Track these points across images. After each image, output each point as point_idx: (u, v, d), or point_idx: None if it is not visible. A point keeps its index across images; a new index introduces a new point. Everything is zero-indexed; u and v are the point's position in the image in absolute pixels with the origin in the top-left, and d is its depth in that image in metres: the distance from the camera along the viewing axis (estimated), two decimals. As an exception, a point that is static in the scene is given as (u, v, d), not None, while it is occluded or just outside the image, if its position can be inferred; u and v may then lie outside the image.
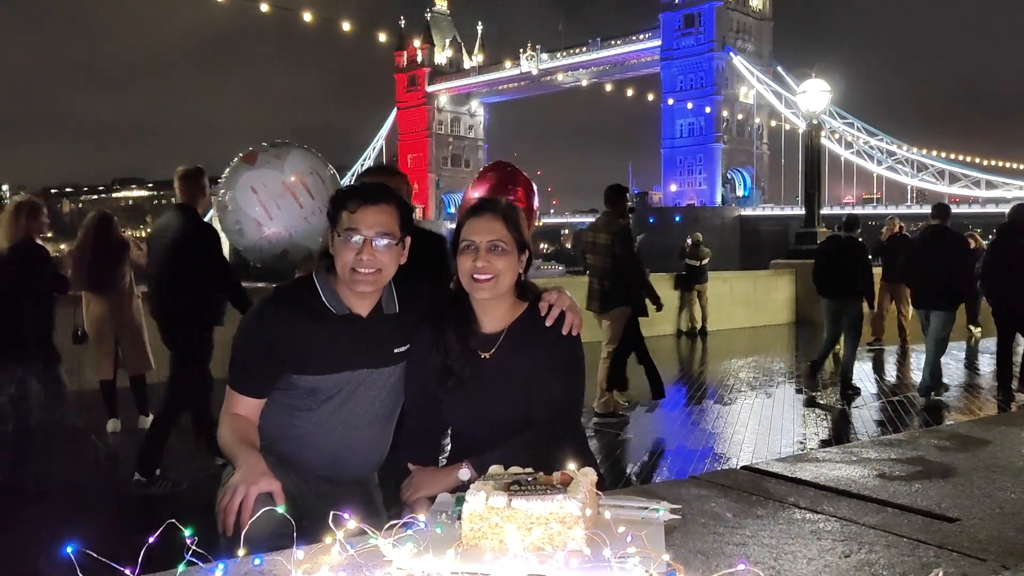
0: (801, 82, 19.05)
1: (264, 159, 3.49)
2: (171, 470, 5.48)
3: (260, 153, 3.56)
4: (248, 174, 3.45)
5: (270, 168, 3.43)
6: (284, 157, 3.46)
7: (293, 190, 3.36)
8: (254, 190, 3.40)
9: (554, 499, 1.53)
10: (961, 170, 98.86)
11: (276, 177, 3.40)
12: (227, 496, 1.85)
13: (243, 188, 3.42)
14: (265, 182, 3.39)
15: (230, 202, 3.50)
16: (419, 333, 2.26)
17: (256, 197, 3.39)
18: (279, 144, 3.64)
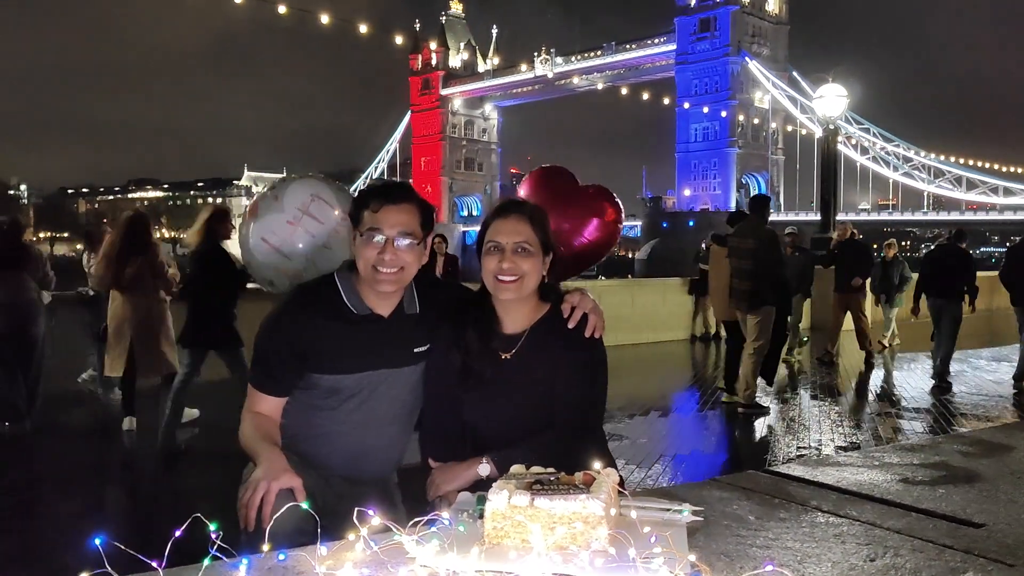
0: (817, 87, 18.97)
1: (264, 205, 3.52)
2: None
3: (259, 201, 3.61)
4: (255, 227, 3.50)
5: (272, 212, 3.47)
6: (281, 195, 3.49)
7: (299, 224, 3.38)
8: (264, 240, 3.43)
9: (577, 499, 1.52)
10: (979, 176, 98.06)
11: (280, 219, 3.43)
12: (248, 492, 1.86)
13: (256, 242, 3.47)
14: (272, 228, 3.43)
15: (251, 260, 3.55)
16: (440, 332, 2.26)
17: (269, 247, 3.42)
18: (276, 184, 3.67)
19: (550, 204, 4.13)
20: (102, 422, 7.86)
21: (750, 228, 8.16)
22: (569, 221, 4.27)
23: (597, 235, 4.34)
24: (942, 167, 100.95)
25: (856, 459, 2.40)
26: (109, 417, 7.96)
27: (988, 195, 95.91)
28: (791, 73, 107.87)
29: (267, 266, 3.45)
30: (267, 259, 3.45)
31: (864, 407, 8.27)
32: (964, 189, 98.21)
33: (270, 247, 3.45)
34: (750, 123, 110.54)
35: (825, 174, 17.83)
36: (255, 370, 2.22)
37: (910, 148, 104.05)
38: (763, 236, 8.03)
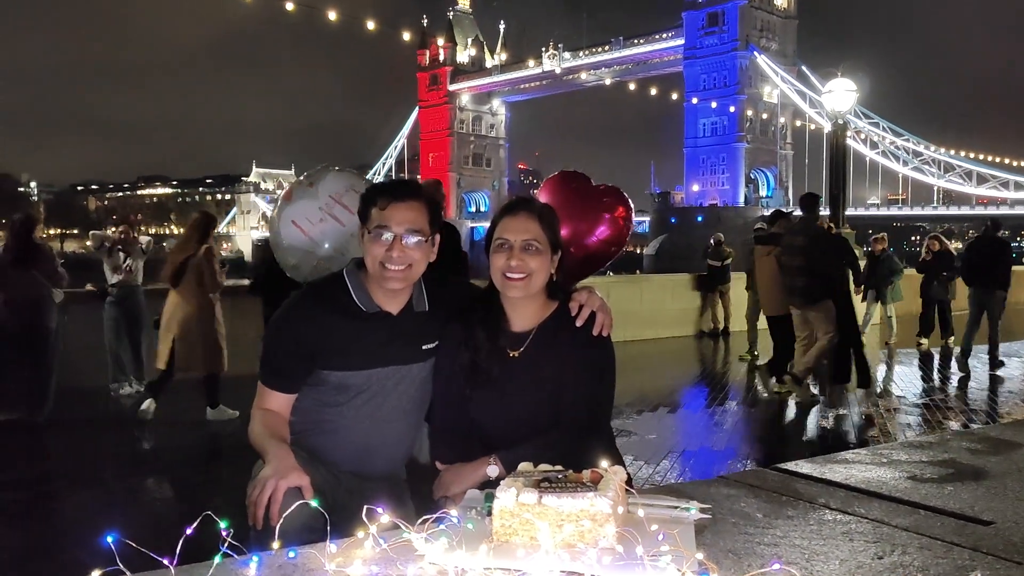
0: (826, 81, 18.87)
1: (299, 191, 3.60)
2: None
3: (295, 187, 3.68)
4: (288, 210, 3.56)
5: (306, 199, 3.53)
6: (317, 183, 3.56)
7: (331, 211, 3.43)
8: (295, 223, 3.49)
9: (585, 496, 1.53)
10: (989, 171, 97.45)
11: (313, 205, 3.48)
12: (257, 489, 1.87)
13: (286, 224, 3.52)
14: (305, 214, 3.48)
15: (278, 243, 3.60)
16: (448, 330, 2.27)
17: (298, 230, 3.47)
18: (312, 172, 3.74)
19: (565, 206, 4.17)
20: (116, 417, 7.91)
21: (802, 226, 8.50)
22: (582, 221, 4.33)
23: (607, 233, 4.39)
24: (952, 161, 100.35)
25: (864, 456, 2.40)
26: (123, 412, 8.01)
27: (999, 189, 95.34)
28: (800, 67, 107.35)
29: (293, 249, 3.49)
30: (294, 242, 3.49)
31: (873, 403, 8.25)
32: (974, 183, 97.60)
33: (299, 231, 3.49)
34: (759, 118, 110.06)
35: (834, 169, 17.70)
36: (264, 367, 2.23)
37: (920, 142, 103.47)
38: (815, 233, 8.37)
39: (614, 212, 4.47)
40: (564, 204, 4.19)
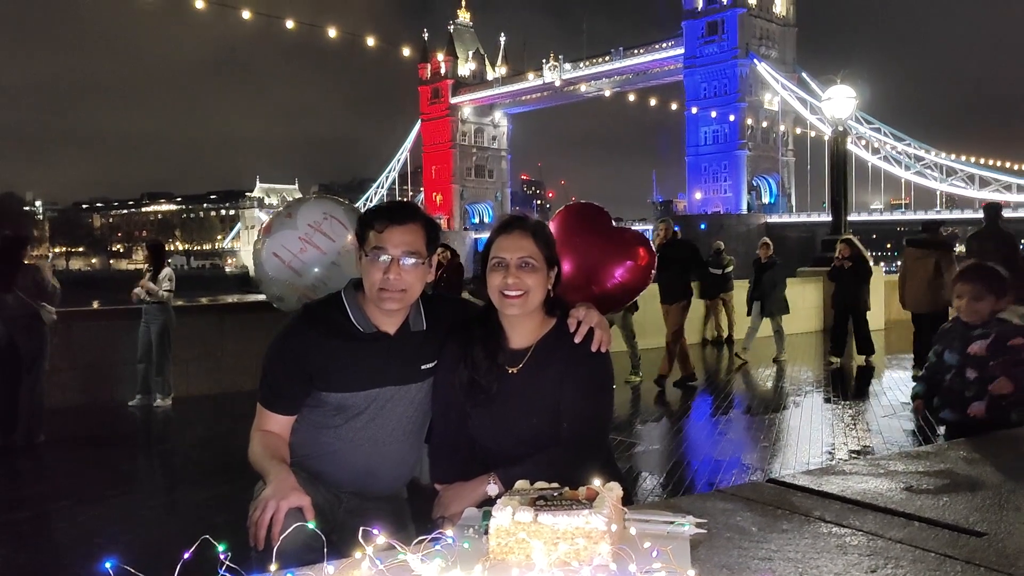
0: (826, 88, 18.93)
1: (278, 223, 3.63)
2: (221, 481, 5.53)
3: (274, 219, 3.72)
4: (269, 243, 3.59)
5: (285, 229, 3.56)
6: (295, 213, 3.59)
7: (311, 240, 3.45)
8: (276, 255, 3.51)
9: (580, 514, 1.54)
10: (991, 174, 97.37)
11: (292, 235, 3.51)
12: (258, 511, 1.89)
13: (268, 258, 3.55)
14: (284, 244, 3.51)
15: (263, 276, 3.63)
16: (446, 348, 2.29)
17: (280, 262, 3.50)
18: (291, 202, 3.78)
19: (588, 242, 4.18)
20: (116, 436, 7.95)
21: (988, 232, 9.21)
22: (606, 261, 4.33)
23: (629, 277, 4.39)
24: (954, 165, 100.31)
25: (861, 467, 2.41)
26: (124, 431, 8.05)
27: (1002, 192, 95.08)
28: (800, 74, 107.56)
29: (277, 282, 3.52)
30: (278, 274, 3.52)
31: (874, 412, 8.24)
32: (977, 187, 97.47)
33: (281, 262, 3.52)
34: (760, 125, 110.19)
35: (835, 175, 17.75)
36: (263, 389, 2.25)
37: (921, 147, 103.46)
38: (1005, 237, 9.07)
39: (639, 260, 4.47)
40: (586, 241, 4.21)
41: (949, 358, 3.73)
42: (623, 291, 4.43)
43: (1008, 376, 3.48)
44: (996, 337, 3.57)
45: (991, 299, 3.63)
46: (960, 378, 3.66)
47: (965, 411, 3.58)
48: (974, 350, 3.61)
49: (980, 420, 3.51)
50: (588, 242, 4.23)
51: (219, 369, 9.71)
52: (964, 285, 3.67)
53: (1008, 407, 3.49)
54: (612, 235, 4.53)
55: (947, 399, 3.73)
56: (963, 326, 3.71)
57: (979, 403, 3.55)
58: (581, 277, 4.02)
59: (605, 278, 4.27)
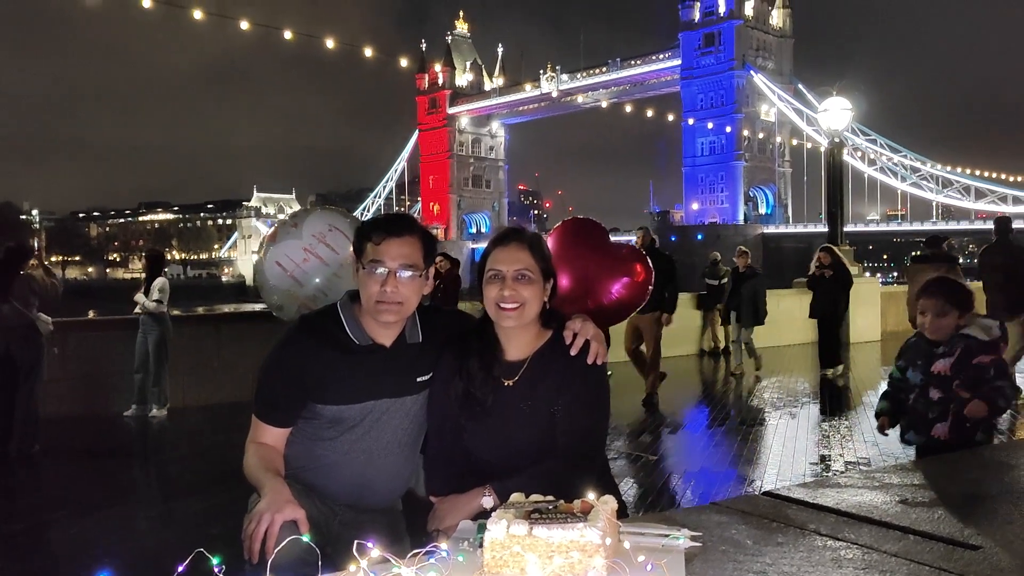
0: (822, 100, 19.00)
1: (284, 231, 3.65)
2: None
3: (279, 228, 3.73)
4: (272, 251, 3.60)
5: (290, 238, 3.58)
6: (301, 223, 3.62)
7: (314, 251, 3.47)
8: (279, 264, 3.53)
9: (575, 527, 1.54)
10: (987, 186, 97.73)
11: (296, 245, 3.53)
12: (252, 524, 1.89)
13: (270, 266, 3.56)
14: (287, 253, 3.52)
15: (264, 283, 3.63)
16: (442, 360, 2.29)
17: (282, 270, 3.51)
18: (296, 212, 3.79)
19: (584, 260, 4.19)
20: (112, 447, 7.93)
21: (1000, 245, 9.41)
22: (603, 277, 4.35)
23: (626, 293, 4.41)
24: (950, 177, 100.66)
25: (856, 480, 2.41)
26: (120, 442, 8.03)
27: (998, 204, 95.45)
28: (796, 86, 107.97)
29: (278, 290, 3.52)
30: (279, 283, 3.53)
31: (869, 424, 8.23)
32: (973, 198, 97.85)
33: (283, 271, 3.53)
34: (756, 136, 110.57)
35: (832, 186, 17.80)
36: (258, 401, 2.25)
37: (917, 158, 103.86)
38: (1015, 251, 9.28)
39: (635, 276, 4.49)
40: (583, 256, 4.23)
41: (913, 377, 3.59)
42: (619, 306, 4.44)
43: (979, 396, 3.32)
44: (960, 354, 3.42)
45: (954, 314, 3.48)
46: (924, 398, 3.50)
47: (930, 433, 3.44)
48: (938, 368, 3.46)
49: (945, 442, 3.37)
50: (585, 258, 4.25)
51: (215, 379, 9.69)
52: (927, 300, 3.53)
53: (972, 428, 3.36)
54: (609, 251, 4.55)
55: (911, 421, 3.58)
56: (927, 343, 3.55)
57: (943, 424, 3.41)
58: (578, 293, 4.03)
59: (602, 294, 4.29)
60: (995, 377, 3.37)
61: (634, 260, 4.61)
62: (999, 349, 3.44)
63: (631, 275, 4.46)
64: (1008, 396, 3.39)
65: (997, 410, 3.38)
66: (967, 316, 3.48)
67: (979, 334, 3.41)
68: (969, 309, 3.50)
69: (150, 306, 8.77)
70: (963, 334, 3.43)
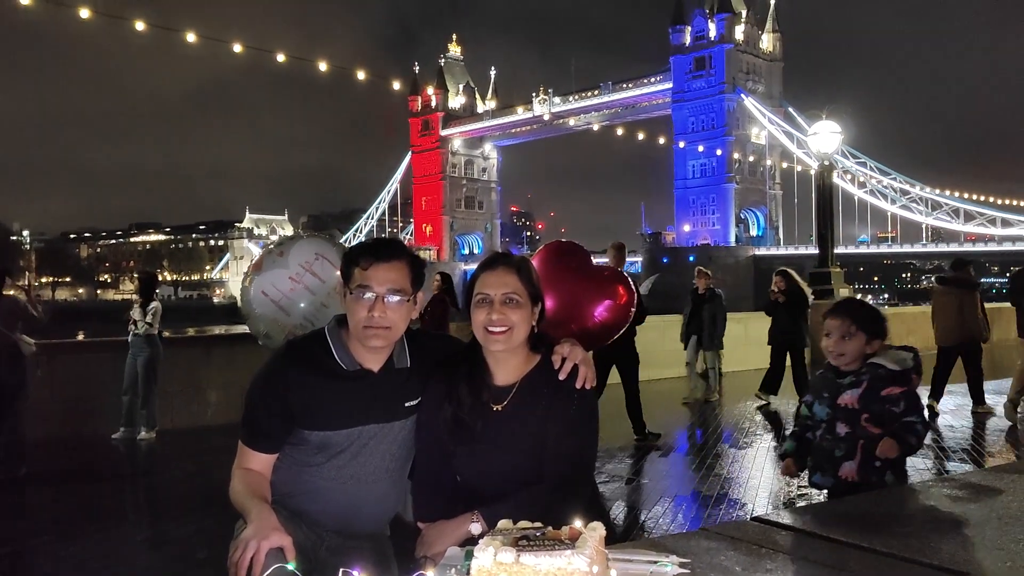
0: (812, 123, 19.17)
1: (269, 260, 3.63)
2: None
3: (265, 256, 3.72)
4: (258, 280, 3.59)
5: (276, 267, 3.57)
6: (287, 252, 3.60)
7: (301, 279, 3.46)
8: (264, 293, 3.52)
9: (562, 555, 1.53)
10: (976, 208, 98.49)
11: (283, 274, 3.52)
12: (238, 551, 1.87)
13: (256, 295, 3.56)
14: (274, 282, 3.51)
15: (250, 312, 3.62)
16: (431, 385, 2.28)
17: (268, 299, 3.50)
18: (282, 240, 3.78)
19: (567, 283, 4.20)
20: (100, 470, 7.86)
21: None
22: (584, 301, 4.36)
23: (608, 316, 4.42)
24: (940, 199, 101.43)
25: (848, 505, 2.41)
26: (108, 465, 7.96)
27: (986, 226, 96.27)
28: (786, 109, 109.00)
29: (264, 319, 3.51)
30: (265, 311, 3.51)
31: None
32: (962, 221, 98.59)
33: (270, 300, 3.51)
34: (747, 159, 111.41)
35: (822, 209, 17.93)
36: (245, 427, 2.24)
37: (907, 181, 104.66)
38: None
39: (617, 299, 4.51)
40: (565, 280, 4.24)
41: (819, 411, 3.28)
42: (603, 329, 4.45)
43: (889, 432, 3.07)
44: (868, 385, 3.13)
45: (860, 337, 3.18)
46: (831, 434, 3.21)
47: (837, 473, 3.16)
48: (845, 401, 3.17)
49: (854, 484, 3.09)
50: (568, 281, 4.26)
51: (204, 402, 9.64)
52: (832, 320, 3.23)
53: (882, 467, 3.09)
54: (591, 274, 4.57)
55: (818, 461, 3.26)
56: (834, 374, 3.26)
57: (850, 463, 3.12)
58: (562, 316, 4.03)
59: (585, 316, 4.29)
60: (906, 411, 3.11)
61: (616, 282, 4.63)
62: (911, 380, 3.15)
63: (614, 297, 4.47)
64: (920, 433, 3.11)
65: (908, 449, 3.10)
66: (876, 344, 3.20)
67: (889, 363, 3.15)
68: (880, 336, 3.22)
69: (142, 328, 8.75)
70: (872, 363, 3.17)
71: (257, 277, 3.59)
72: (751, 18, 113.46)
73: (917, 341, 13.99)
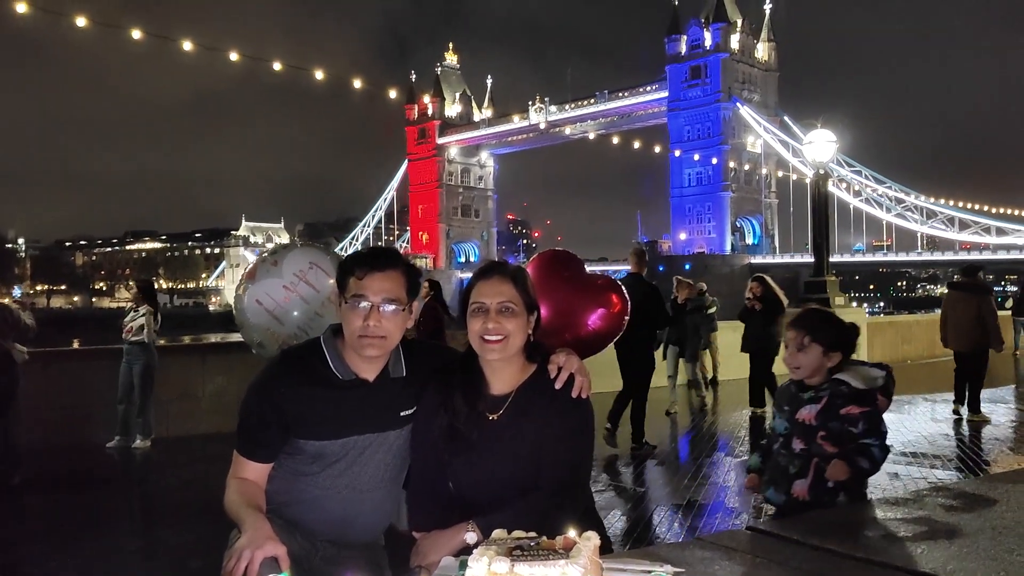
0: (807, 132, 19.22)
1: (263, 270, 3.63)
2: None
3: (259, 265, 3.71)
4: (252, 289, 3.58)
5: (270, 276, 3.57)
6: (281, 261, 3.60)
7: (295, 289, 3.46)
8: (258, 302, 3.52)
9: (556, 564, 1.54)
10: (971, 217, 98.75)
11: (276, 284, 3.52)
12: (232, 560, 1.87)
13: (250, 304, 3.55)
14: (268, 292, 3.52)
15: (244, 321, 3.62)
16: (426, 394, 2.29)
17: (262, 309, 3.50)
18: (276, 249, 3.78)
19: (560, 291, 4.21)
20: (94, 478, 7.83)
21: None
22: (578, 309, 4.37)
23: (602, 324, 4.43)
24: (934, 208, 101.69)
25: (840, 515, 2.41)
26: (102, 473, 7.93)
27: (981, 235, 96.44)
28: (782, 118, 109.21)
29: (258, 328, 3.51)
30: (259, 321, 3.51)
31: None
32: (957, 229, 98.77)
33: (263, 309, 3.52)
34: (742, 167, 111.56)
35: (817, 217, 17.95)
36: (240, 437, 2.24)
37: (901, 190, 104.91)
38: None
39: (611, 307, 4.51)
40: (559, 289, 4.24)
41: (778, 425, 3.18)
42: (596, 337, 4.46)
43: (843, 454, 2.92)
44: (827, 402, 2.99)
45: (817, 350, 3.04)
46: (786, 449, 3.09)
47: (790, 491, 3.03)
48: (803, 416, 3.03)
49: (805, 503, 2.97)
50: (561, 289, 4.26)
51: (199, 410, 9.61)
52: (789, 331, 3.11)
53: (835, 489, 2.93)
54: (585, 282, 4.57)
55: (772, 476, 3.15)
56: (796, 387, 3.13)
57: (802, 482, 2.99)
58: (555, 325, 4.04)
59: (579, 325, 4.30)
60: (864, 433, 2.94)
61: (610, 290, 4.64)
62: (875, 401, 2.98)
63: (607, 306, 4.48)
64: (876, 457, 2.94)
65: (860, 472, 2.94)
66: (836, 357, 3.06)
67: (854, 380, 2.98)
68: (842, 350, 3.07)
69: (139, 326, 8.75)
70: (835, 379, 3.02)
71: (251, 286, 3.59)
72: (746, 27, 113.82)
73: (912, 350, 14.18)
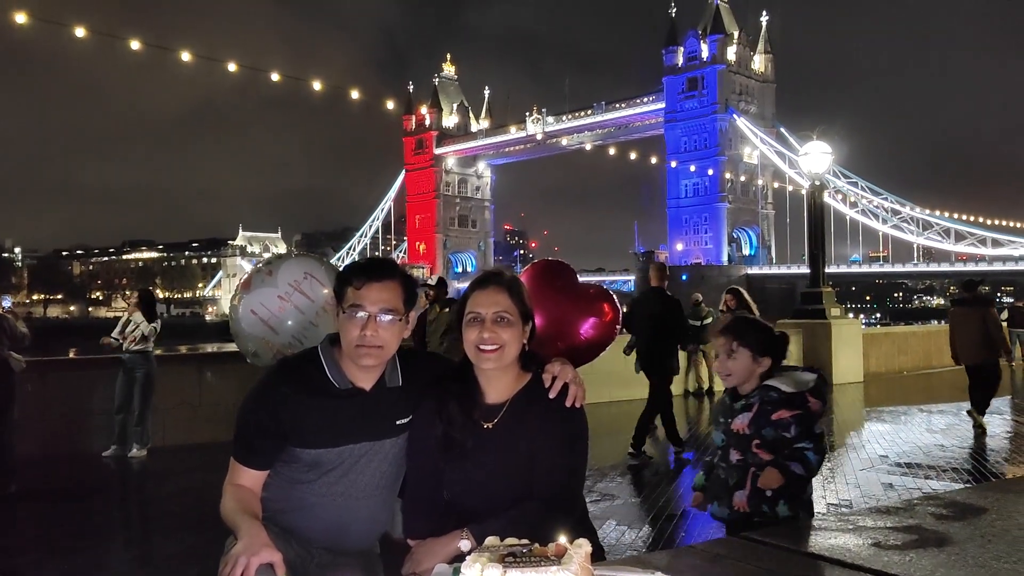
0: (804, 143, 19.31)
1: (258, 279, 3.65)
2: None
3: (254, 275, 3.73)
4: (247, 299, 3.60)
5: (264, 286, 3.58)
6: (276, 271, 3.62)
7: (290, 299, 3.48)
8: (254, 312, 3.53)
9: (548, 571, 1.56)
10: (967, 228, 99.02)
11: (271, 293, 3.54)
12: (228, 567, 1.88)
13: (245, 314, 3.57)
14: (263, 301, 3.53)
15: (239, 330, 3.63)
16: (422, 403, 2.31)
17: (257, 318, 3.52)
18: (271, 259, 3.81)
19: (553, 301, 4.24)
20: (90, 487, 7.82)
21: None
22: (570, 319, 4.41)
23: (594, 333, 4.46)
24: (930, 219, 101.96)
25: (830, 523, 2.43)
26: (98, 482, 7.92)
27: (977, 247, 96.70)
28: (779, 129, 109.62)
29: (253, 337, 3.52)
30: (254, 330, 3.53)
31: (852, 465, 8.25)
32: (953, 241, 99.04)
33: (258, 319, 3.53)
34: (739, 179, 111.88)
35: (813, 228, 18.03)
36: (237, 444, 2.25)
37: (897, 201, 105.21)
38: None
39: (603, 316, 4.55)
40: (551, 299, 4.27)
41: (716, 437, 3.13)
42: (589, 346, 4.49)
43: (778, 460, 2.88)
44: (758, 410, 2.93)
45: (745, 354, 2.97)
46: (724, 462, 3.04)
47: (731, 504, 2.99)
48: (737, 426, 2.98)
49: (746, 514, 2.94)
50: (554, 299, 4.30)
51: (196, 419, 9.61)
52: (718, 339, 3.05)
53: (774, 497, 2.91)
54: (577, 292, 4.61)
55: (714, 490, 3.10)
56: (730, 397, 3.07)
57: (741, 493, 2.95)
58: (548, 334, 4.06)
59: (572, 334, 4.33)
60: (797, 437, 2.91)
61: (602, 300, 4.67)
62: (806, 403, 2.92)
63: (599, 315, 4.51)
64: (811, 461, 2.91)
65: (795, 478, 2.89)
66: (766, 362, 3.00)
67: (783, 385, 2.92)
68: (773, 355, 3.01)
69: (147, 331, 8.78)
70: (765, 385, 2.96)
71: (246, 296, 3.60)
72: (743, 39, 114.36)
73: (909, 361, 14.22)
